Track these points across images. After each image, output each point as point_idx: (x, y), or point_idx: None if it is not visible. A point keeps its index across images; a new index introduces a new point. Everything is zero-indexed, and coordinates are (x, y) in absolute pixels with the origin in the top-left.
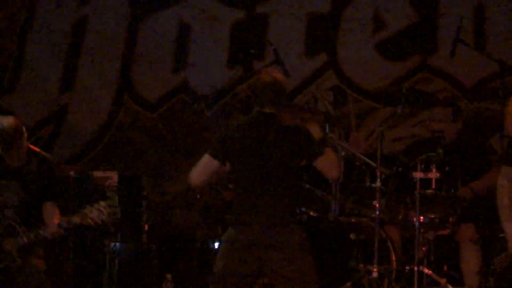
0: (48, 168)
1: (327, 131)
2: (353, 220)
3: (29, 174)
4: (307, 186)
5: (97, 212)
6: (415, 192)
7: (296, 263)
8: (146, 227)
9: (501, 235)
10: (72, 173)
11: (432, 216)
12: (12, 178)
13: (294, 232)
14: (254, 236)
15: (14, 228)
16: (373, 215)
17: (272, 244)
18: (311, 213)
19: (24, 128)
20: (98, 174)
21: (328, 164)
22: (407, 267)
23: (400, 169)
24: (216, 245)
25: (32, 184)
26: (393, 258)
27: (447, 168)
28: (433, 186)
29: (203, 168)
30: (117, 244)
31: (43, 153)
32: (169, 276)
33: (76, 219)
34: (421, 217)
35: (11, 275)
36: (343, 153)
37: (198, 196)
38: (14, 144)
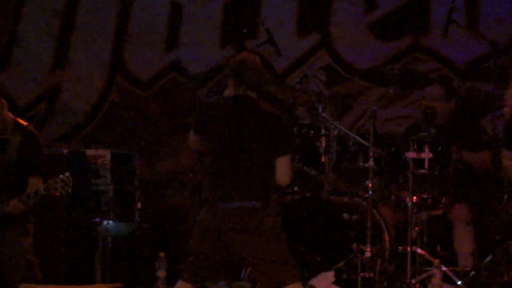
0: (33, 142)
1: (321, 110)
2: (345, 200)
3: (13, 147)
4: (300, 165)
5: (61, 183)
6: (408, 172)
7: (271, 245)
8: (139, 205)
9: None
10: (65, 151)
11: (425, 196)
12: None
13: (268, 214)
14: (228, 218)
15: None
16: (366, 195)
17: (247, 226)
18: (304, 193)
19: (3, 99)
20: (90, 152)
21: (283, 168)
22: (400, 247)
23: (393, 149)
24: None
25: (15, 157)
26: (386, 238)
27: (440, 148)
28: (426, 166)
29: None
30: (110, 222)
31: (30, 127)
32: (162, 254)
33: (41, 190)
34: (414, 197)
35: None
36: (335, 132)
37: (190, 175)
38: None
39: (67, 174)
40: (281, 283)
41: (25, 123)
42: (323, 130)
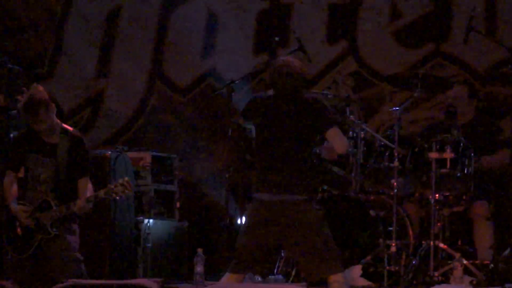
0: (80, 145)
1: (349, 113)
2: (372, 197)
3: (62, 151)
4: (329, 165)
5: (121, 187)
6: (431, 171)
7: (314, 240)
8: (178, 204)
9: None
10: (109, 153)
11: (447, 194)
12: (47, 155)
13: (311, 209)
14: (274, 213)
15: (49, 203)
16: (391, 193)
17: (290, 221)
18: (333, 191)
19: (53, 104)
20: (132, 154)
21: (337, 138)
22: (423, 242)
23: (416, 149)
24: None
25: (65, 160)
26: (410, 233)
27: (461, 148)
28: (448, 166)
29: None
30: (151, 220)
31: (76, 131)
32: (200, 250)
33: (101, 194)
34: (437, 195)
35: (46, 247)
36: (362, 134)
37: (227, 176)
38: (40, 115)
39: (126, 178)
40: (323, 274)
41: (71, 128)
42: (350, 132)
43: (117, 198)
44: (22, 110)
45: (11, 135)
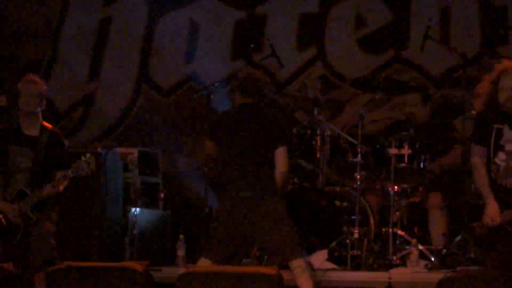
0: (57, 140)
1: (317, 113)
2: (337, 189)
3: (40, 144)
4: (299, 160)
5: (86, 164)
6: (390, 166)
7: (279, 227)
8: (162, 195)
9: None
10: (99, 149)
11: (405, 186)
12: (25, 145)
13: (275, 202)
14: (242, 206)
15: (25, 192)
16: (355, 185)
17: (258, 212)
18: (303, 184)
19: (34, 92)
20: (121, 150)
21: (281, 157)
22: (383, 229)
23: (377, 146)
24: None
25: (42, 153)
26: (372, 221)
27: (417, 145)
28: (406, 161)
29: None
30: (138, 209)
31: (54, 127)
32: (181, 236)
33: (69, 173)
34: (395, 187)
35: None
36: (329, 132)
37: (206, 170)
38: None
39: (88, 155)
40: (287, 259)
41: (50, 125)
42: (318, 131)
43: (84, 174)
44: (23, 81)
45: None
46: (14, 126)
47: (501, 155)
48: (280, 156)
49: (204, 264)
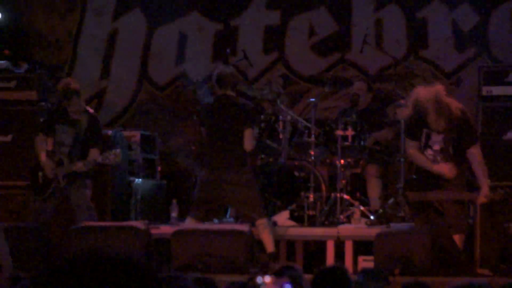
0: (95, 123)
1: (279, 103)
2: (296, 163)
3: (82, 125)
4: (265, 140)
5: (113, 156)
6: (337, 144)
7: (245, 194)
8: (159, 168)
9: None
10: (109, 132)
11: (349, 160)
12: (69, 125)
13: (244, 172)
14: (218, 176)
15: (62, 161)
16: (310, 160)
17: (230, 181)
18: (268, 159)
19: (78, 91)
20: (126, 133)
21: (249, 137)
22: (332, 194)
23: (327, 128)
24: None
25: (83, 132)
26: (323, 188)
27: (359, 127)
28: (349, 140)
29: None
30: (140, 180)
31: (94, 112)
32: (174, 201)
33: (99, 159)
34: (342, 161)
35: (66, 195)
36: (289, 118)
37: (193, 147)
38: (73, 100)
39: (118, 149)
40: (254, 218)
41: (91, 110)
42: (280, 117)
43: (110, 163)
44: (61, 95)
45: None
46: (61, 109)
47: (430, 151)
48: (246, 136)
49: (189, 222)
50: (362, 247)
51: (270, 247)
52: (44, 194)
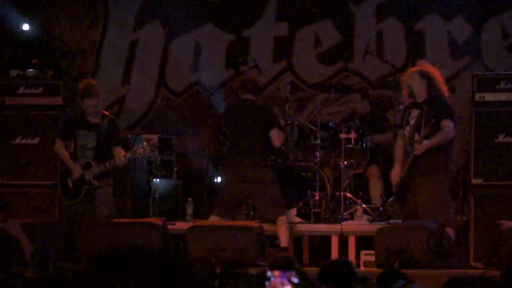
0: (114, 125)
1: (287, 109)
2: (303, 164)
3: (102, 128)
4: None
5: (142, 149)
6: (341, 146)
7: (269, 192)
8: (175, 169)
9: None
10: (129, 135)
11: (352, 161)
12: (91, 130)
13: (267, 172)
14: (242, 175)
15: (90, 164)
16: (315, 161)
17: (254, 179)
18: (277, 160)
19: (98, 93)
20: (145, 136)
21: (275, 136)
22: (336, 193)
23: (332, 132)
24: (219, 179)
25: (104, 134)
26: (328, 187)
27: (361, 131)
28: (352, 143)
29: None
30: (158, 179)
31: (111, 115)
32: (190, 199)
33: (128, 154)
34: (345, 162)
35: (91, 194)
36: (296, 122)
37: (207, 150)
38: (91, 98)
39: (145, 143)
40: (274, 216)
41: (107, 113)
42: (289, 121)
43: (139, 156)
44: (82, 93)
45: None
46: (80, 116)
47: (407, 128)
48: (273, 135)
49: (213, 219)
50: (364, 242)
51: (284, 242)
52: (76, 198)
